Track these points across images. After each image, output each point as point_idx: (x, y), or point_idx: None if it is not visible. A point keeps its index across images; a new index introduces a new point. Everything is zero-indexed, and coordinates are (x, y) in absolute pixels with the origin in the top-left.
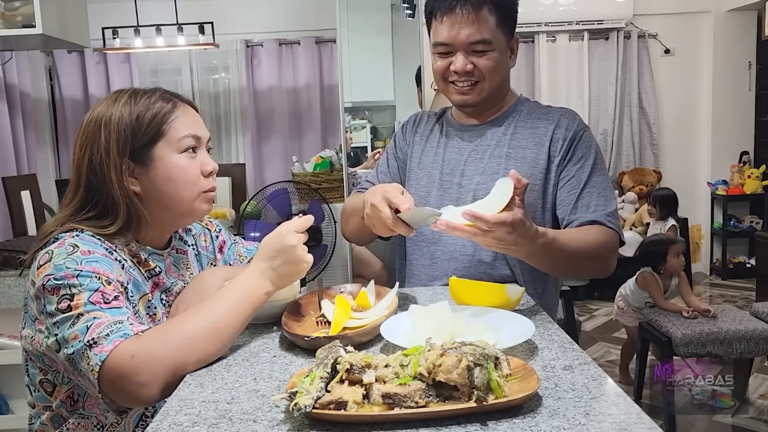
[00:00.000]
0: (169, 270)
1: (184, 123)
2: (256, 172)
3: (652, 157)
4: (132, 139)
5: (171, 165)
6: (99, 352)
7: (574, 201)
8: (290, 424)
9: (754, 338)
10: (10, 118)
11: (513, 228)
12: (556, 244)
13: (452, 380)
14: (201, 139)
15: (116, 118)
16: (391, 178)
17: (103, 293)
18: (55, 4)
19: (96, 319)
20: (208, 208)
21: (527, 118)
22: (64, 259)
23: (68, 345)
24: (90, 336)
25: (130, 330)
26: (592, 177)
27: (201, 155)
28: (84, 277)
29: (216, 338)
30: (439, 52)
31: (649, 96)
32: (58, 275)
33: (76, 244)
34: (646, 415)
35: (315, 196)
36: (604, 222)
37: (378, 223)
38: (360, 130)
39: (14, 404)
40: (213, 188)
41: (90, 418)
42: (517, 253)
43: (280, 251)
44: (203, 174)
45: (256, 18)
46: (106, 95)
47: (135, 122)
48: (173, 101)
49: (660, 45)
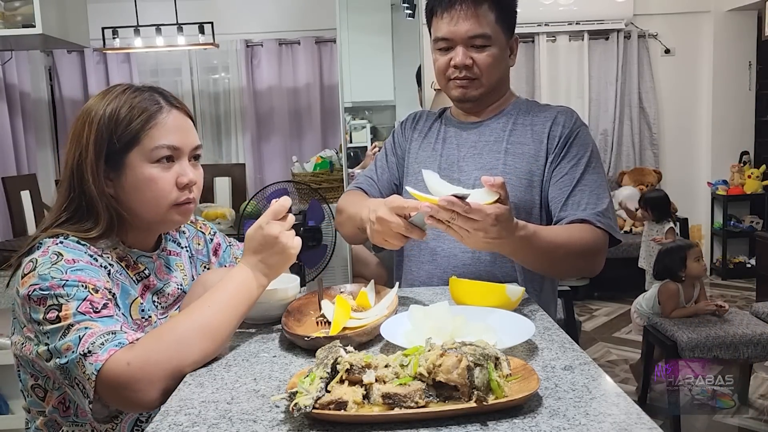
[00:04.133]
0: (159, 271)
1: (165, 131)
2: (256, 172)
3: (652, 157)
4: (108, 142)
5: (140, 175)
6: (94, 361)
7: (565, 198)
8: (290, 424)
9: (761, 342)
10: (10, 118)
11: (497, 220)
12: (536, 239)
13: (452, 380)
14: (180, 149)
15: (99, 116)
16: (389, 174)
17: (92, 302)
18: (55, 4)
19: (88, 329)
20: (180, 219)
21: (525, 115)
22: (49, 268)
23: (61, 355)
24: (83, 346)
25: (125, 339)
26: (586, 175)
27: (179, 166)
28: (70, 287)
29: (211, 337)
30: (440, 48)
31: (649, 96)
32: (43, 285)
33: (60, 252)
34: (646, 415)
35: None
36: (593, 221)
37: (390, 235)
38: (360, 130)
39: (14, 404)
40: (188, 200)
41: (84, 426)
42: (501, 248)
43: (264, 243)
44: (177, 186)
45: (256, 18)
46: None
47: (114, 125)
48: (158, 105)
49: (660, 45)
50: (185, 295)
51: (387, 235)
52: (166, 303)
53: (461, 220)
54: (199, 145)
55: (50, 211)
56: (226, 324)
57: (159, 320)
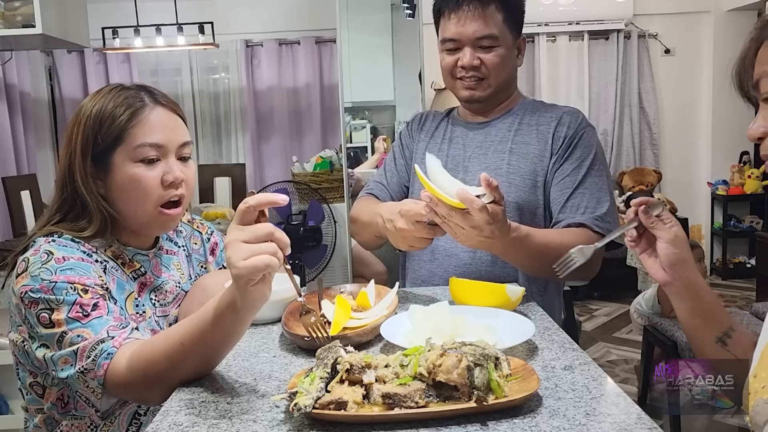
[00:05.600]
0: (156, 269)
1: (148, 128)
2: (256, 172)
3: (652, 157)
4: (94, 142)
5: (124, 175)
6: (94, 377)
7: (565, 200)
8: (290, 424)
9: None
10: (10, 118)
11: (493, 219)
12: (528, 241)
13: (452, 380)
14: (165, 146)
15: (86, 116)
16: (398, 177)
17: (81, 305)
18: (55, 4)
19: (81, 339)
20: (167, 223)
21: (531, 115)
22: (39, 268)
23: (59, 369)
24: (80, 364)
25: (111, 348)
26: (588, 177)
27: (165, 164)
28: (59, 289)
29: (206, 362)
30: (447, 48)
31: (649, 96)
32: (34, 288)
33: (51, 250)
34: (646, 416)
35: (315, 196)
36: (590, 225)
37: (414, 241)
38: (360, 130)
39: (14, 404)
40: (175, 199)
41: (83, 419)
42: (492, 247)
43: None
44: (163, 184)
45: (256, 18)
46: None
47: (98, 125)
48: (142, 102)
49: (660, 45)
50: (185, 296)
51: (411, 242)
52: (165, 300)
53: (458, 217)
54: (187, 142)
55: (46, 210)
56: (221, 349)
57: (157, 318)
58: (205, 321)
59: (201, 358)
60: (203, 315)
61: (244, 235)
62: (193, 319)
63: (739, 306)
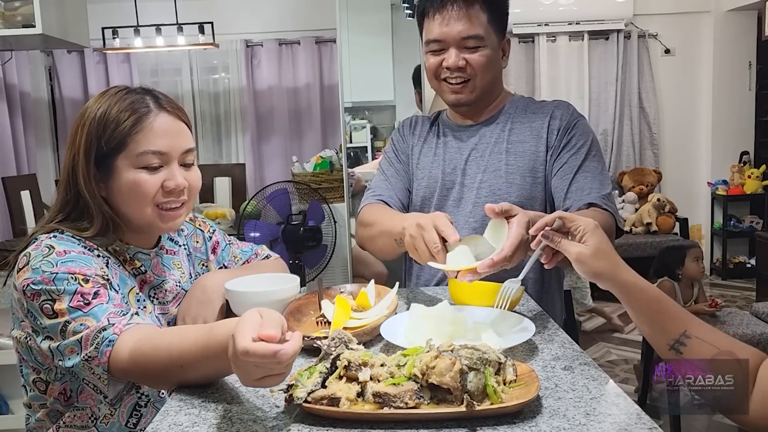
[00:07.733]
0: (156, 268)
1: (152, 135)
2: (256, 172)
3: (652, 157)
4: (97, 146)
5: (125, 179)
6: (98, 363)
7: (568, 186)
8: (290, 424)
9: (762, 342)
10: (10, 118)
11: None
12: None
13: (444, 383)
14: (168, 154)
15: (90, 118)
16: (401, 181)
17: (82, 294)
18: (55, 4)
19: (83, 327)
20: (166, 227)
21: (523, 113)
22: (40, 261)
23: (65, 358)
24: (86, 349)
25: (112, 335)
26: (587, 162)
27: (167, 170)
28: (60, 280)
29: (203, 376)
30: (432, 49)
31: (649, 96)
32: (35, 280)
33: (52, 245)
34: (646, 416)
35: (315, 196)
36: (599, 204)
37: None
38: (360, 130)
39: (14, 404)
40: (174, 204)
41: (84, 410)
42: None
43: (233, 353)
44: (164, 190)
45: (256, 18)
46: None
47: (102, 128)
48: (147, 107)
49: (660, 45)
50: (185, 295)
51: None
52: (164, 299)
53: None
54: (191, 149)
55: (49, 210)
56: (222, 375)
57: (157, 315)
58: (206, 350)
59: (201, 378)
60: (205, 343)
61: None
62: (197, 340)
63: (739, 306)
